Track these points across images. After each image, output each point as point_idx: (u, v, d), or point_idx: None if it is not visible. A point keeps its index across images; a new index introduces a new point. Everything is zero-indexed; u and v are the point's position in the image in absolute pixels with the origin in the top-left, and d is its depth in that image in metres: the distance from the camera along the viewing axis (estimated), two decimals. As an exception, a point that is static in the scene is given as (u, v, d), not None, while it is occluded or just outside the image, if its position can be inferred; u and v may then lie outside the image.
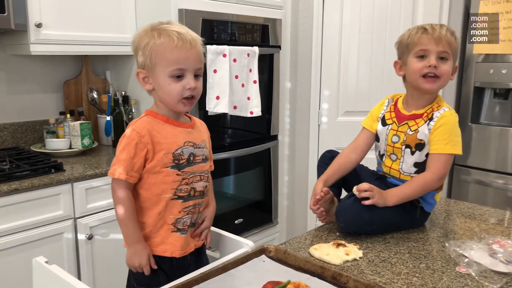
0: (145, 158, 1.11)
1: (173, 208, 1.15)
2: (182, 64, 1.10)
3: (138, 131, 1.11)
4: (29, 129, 2.27)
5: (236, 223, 2.55)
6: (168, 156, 1.12)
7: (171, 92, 1.11)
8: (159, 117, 1.15)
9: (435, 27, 1.27)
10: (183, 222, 1.17)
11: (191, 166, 1.16)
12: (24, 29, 1.89)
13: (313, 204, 1.34)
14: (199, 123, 1.27)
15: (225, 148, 2.44)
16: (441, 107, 1.30)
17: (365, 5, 2.57)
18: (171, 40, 1.09)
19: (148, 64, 1.11)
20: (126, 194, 1.12)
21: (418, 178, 1.28)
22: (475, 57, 2.57)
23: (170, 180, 1.13)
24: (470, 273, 1.05)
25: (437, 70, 1.26)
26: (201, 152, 1.20)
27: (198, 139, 1.20)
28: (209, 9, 2.21)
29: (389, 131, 1.36)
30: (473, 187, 2.64)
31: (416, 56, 1.29)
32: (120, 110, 2.36)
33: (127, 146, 1.10)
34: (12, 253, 1.68)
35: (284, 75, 2.74)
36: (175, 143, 1.14)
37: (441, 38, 1.25)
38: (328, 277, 1.00)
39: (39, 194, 1.73)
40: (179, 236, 1.17)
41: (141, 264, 1.13)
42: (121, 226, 1.15)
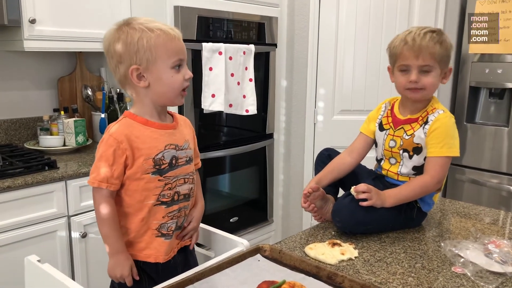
0: (124, 164, 1.08)
1: (157, 214, 1.12)
2: (182, 54, 1.11)
3: (115, 137, 1.06)
4: (22, 126, 2.25)
5: (231, 221, 2.54)
6: (148, 162, 1.08)
7: (173, 84, 1.10)
8: (138, 119, 1.11)
9: (416, 38, 1.24)
10: (167, 227, 1.14)
11: (174, 169, 1.13)
12: (17, 25, 1.87)
13: (303, 202, 1.34)
14: (182, 121, 1.22)
15: (221, 146, 2.43)
16: (436, 110, 1.29)
17: (361, 3, 2.57)
18: (166, 32, 1.08)
19: (147, 59, 1.07)
20: (107, 203, 1.09)
21: (417, 181, 1.28)
22: (471, 57, 2.57)
23: (152, 186, 1.10)
24: (466, 273, 1.05)
25: (418, 84, 1.26)
26: (184, 153, 1.16)
27: (180, 140, 1.16)
28: (205, 6, 2.20)
29: (387, 136, 1.36)
30: (468, 187, 2.65)
31: (399, 70, 1.30)
32: (115, 107, 2.34)
33: (105, 153, 1.06)
34: (5, 251, 1.67)
35: (280, 73, 2.73)
36: (155, 147, 1.10)
37: (421, 50, 1.23)
38: (324, 276, 0.99)
39: (32, 192, 1.72)
40: (163, 241, 1.14)
41: (122, 275, 1.10)
42: (103, 237, 1.11)
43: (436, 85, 1.28)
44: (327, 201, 1.38)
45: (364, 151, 1.44)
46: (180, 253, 1.21)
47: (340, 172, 1.43)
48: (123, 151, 1.06)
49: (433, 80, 1.26)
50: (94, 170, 1.08)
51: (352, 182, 1.32)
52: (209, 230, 1.31)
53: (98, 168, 1.07)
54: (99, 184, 1.07)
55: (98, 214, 1.10)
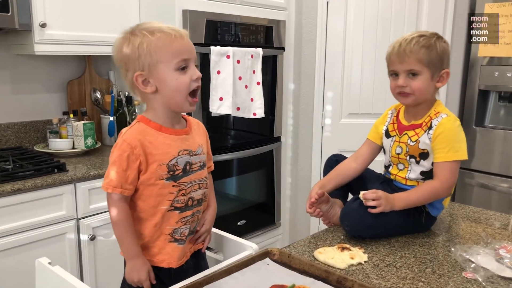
0: (138, 169, 1.07)
1: (170, 219, 1.12)
2: (185, 54, 1.06)
3: (129, 142, 1.06)
4: (32, 129, 2.27)
5: (239, 224, 2.54)
6: (162, 168, 1.08)
7: (179, 86, 1.06)
8: (152, 124, 1.10)
9: (402, 43, 1.25)
10: (180, 233, 1.14)
11: (188, 175, 1.12)
12: (28, 29, 1.89)
13: (308, 207, 1.34)
14: (196, 125, 1.21)
15: (228, 149, 2.43)
16: (439, 114, 1.28)
17: (369, 6, 2.57)
18: (167, 34, 1.05)
19: (148, 63, 1.05)
20: (122, 208, 1.08)
21: (426, 186, 1.27)
22: (480, 60, 2.55)
23: (166, 192, 1.09)
24: (477, 278, 1.04)
25: (406, 89, 1.26)
26: (198, 159, 1.15)
27: (194, 146, 1.15)
28: (213, 10, 2.21)
29: (393, 143, 1.36)
30: (477, 191, 2.63)
31: (389, 75, 1.32)
32: (124, 110, 2.35)
33: (119, 158, 1.06)
34: (15, 253, 1.68)
35: (287, 76, 2.74)
36: (169, 153, 1.09)
37: (405, 56, 1.24)
38: (333, 281, 0.99)
39: (42, 194, 1.73)
40: (176, 246, 1.14)
41: (140, 279, 1.10)
42: (119, 241, 1.11)
43: (426, 90, 1.27)
44: (333, 205, 1.37)
45: (369, 158, 1.44)
46: (192, 257, 1.22)
47: (345, 178, 1.42)
48: (136, 156, 1.06)
49: (421, 84, 1.25)
50: (108, 175, 1.08)
51: (360, 186, 1.32)
52: (218, 233, 1.31)
53: (112, 173, 1.07)
54: (113, 190, 1.07)
55: (112, 219, 1.10)
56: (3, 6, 1.76)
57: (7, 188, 1.62)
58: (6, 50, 2.14)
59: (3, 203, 1.63)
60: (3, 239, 1.64)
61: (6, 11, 1.77)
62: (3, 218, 1.64)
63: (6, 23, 1.79)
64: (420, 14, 2.54)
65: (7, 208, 1.64)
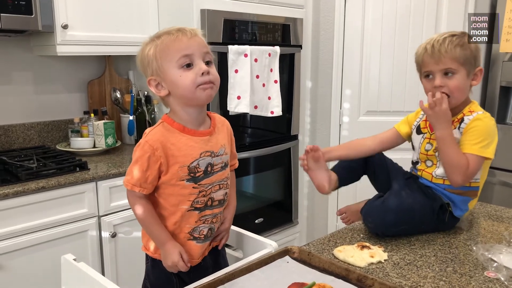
0: (159, 170, 1.09)
1: (190, 219, 1.13)
2: (187, 50, 1.06)
3: (151, 144, 1.07)
4: (54, 128, 2.32)
5: (257, 222, 2.55)
6: (183, 170, 1.09)
7: (185, 83, 1.06)
8: (175, 125, 1.11)
9: (435, 45, 1.24)
10: (199, 231, 1.15)
11: (209, 177, 1.13)
12: (50, 30, 1.93)
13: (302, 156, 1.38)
14: (221, 123, 1.21)
15: (246, 147, 2.44)
16: (474, 112, 1.26)
17: (387, 3, 2.54)
18: (170, 34, 1.07)
19: (156, 67, 1.08)
20: (141, 204, 1.11)
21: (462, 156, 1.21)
22: (502, 56, 2.51)
23: (187, 193, 1.11)
24: (499, 277, 1.03)
25: (444, 89, 1.24)
26: (220, 160, 1.15)
27: (216, 147, 1.15)
28: (231, 9, 2.22)
29: (423, 140, 1.34)
30: (499, 189, 2.58)
31: (424, 76, 1.30)
32: (143, 109, 2.39)
33: (140, 158, 1.08)
34: (39, 249, 1.72)
35: (305, 74, 2.73)
36: (191, 155, 1.09)
37: (440, 56, 1.23)
38: (353, 279, 0.99)
39: (65, 192, 1.77)
40: (195, 244, 1.16)
41: (173, 262, 1.10)
42: (147, 232, 1.15)
43: (463, 88, 1.25)
44: (322, 169, 1.37)
45: (387, 144, 1.43)
46: (211, 255, 1.23)
47: (355, 152, 1.42)
48: (157, 158, 1.07)
49: (459, 82, 1.24)
50: (129, 172, 1.10)
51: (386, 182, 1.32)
52: (238, 231, 1.32)
53: (132, 171, 1.10)
54: (132, 187, 1.10)
55: (135, 215, 1.13)
56: (27, 9, 1.80)
57: (32, 186, 1.67)
58: (29, 51, 2.19)
59: (28, 201, 1.68)
60: (28, 236, 1.69)
61: (29, 13, 1.81)
62: (27, 216, 1.68)
63: (30, 25, 1.83)
64: (440, 10, 2.50)
65: (32, 206, 1.69)
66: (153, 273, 1.19)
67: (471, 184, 1.29)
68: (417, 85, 2.50)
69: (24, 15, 1.80)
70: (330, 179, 1.38)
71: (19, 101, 2.20)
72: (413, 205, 1.26)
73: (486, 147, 1.23)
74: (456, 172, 1.23)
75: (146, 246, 1.20)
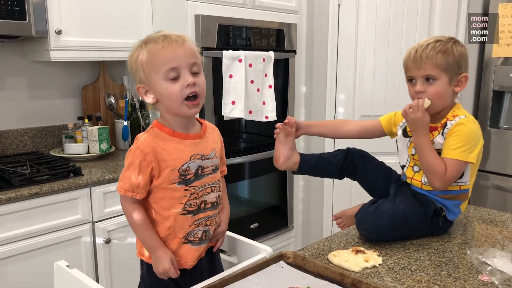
0: (151, 175, 1.10)
1: (184, 223, 1.13)
2: (173, 62, 1.05)
3: (142, 149, 1.08)
4: (48, 134, 2.31)
5: (252, 227, 2.54)
6: (174, 173, 1.09)
7: (171, 96, 1.07)
8: (165, 129, 1.12)
9: (418, 50, 1.24)
10: (194, 234, 1.15)
11: (200, 179, 1.13)
12: (44, 36, 1.93)
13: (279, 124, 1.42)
14: (211, 129, 1.22)
15: (240, 152, 2.44)
16: (456, 116, 1.25)
17: (381, 7, 2.56)
18: (156, 43, 1.07)
19: (143, 76, 1.09)
20: (134, 208, 1.12)
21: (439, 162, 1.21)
22: (494, 61, 2.53)
23: (178, 196, 1.11)
24: (494, 281, 1.03)
25: (424, 95, 1.24)
26: (211, 162, 1.16)
27: (206, 150, 1.16)
28: (225, 15, 2.23)
29: (409, 144, 1.34)
30: (492, 193, 2.60)
31: (407, 81, 1.31)
32: (137, 115, 2.38)
33: (132, 164, 1.09)
34: (33, 256, 1.71)
35: (299, 79, 2.74)
36: (181, 158, 1.10)
37: (421, 62, 1.23)
38: (348, 284, 0.99)
39: (58, 198, 1.76)
40: (190, 247, 1.15)
41: (164, 269, 1.11)
42: (139, 238, 1.15)
43: (444, 95, 1.25)
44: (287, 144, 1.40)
45: (368, 133, 1.46)
46: (207, 259, 1.22)
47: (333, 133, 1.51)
48: (148, 162, 1.08)
49: (438, 89, 1.24)
50: (122, 178, 1.11)
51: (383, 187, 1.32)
52: (233, 236, 1.32)
53: (125, 177, 1.10)
54: (125, 193, 1.10)
55: (128, 220, 1.14)
56: (20, 14, 1.80)
57: (25, 192, 1.66)
58: (23, 57, 2.18)
59: (21, 207, 1.66)
60: (21, 242, 1.68)
61: (23, 19, 1.81)
62: (21, 222, 1.67)
63: (23, 30, 1.83)
64: (432, 15, 2.52)
65: (25, 212, 1.68)
66: (148, 278, 1.18)
67: (461, 187, 1.29)
68: (410, 89, 2.52)
69: (18, 20, 1.80)
70: (289, 157, 1.40)
71: (12, 107, 2.19)
72: (406, 212, 1.26)
73: (468, 151, 1.21)
74: (433, 177, 1.23)
75: (141, 251, 1.19)
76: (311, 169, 1.44)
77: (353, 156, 1.41)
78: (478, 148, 1.24)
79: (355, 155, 1.41)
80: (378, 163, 1.44)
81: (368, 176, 1.41)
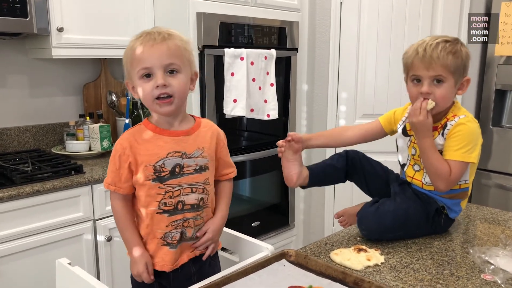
0: (129, 169, 1.11)
1: (160, 222, 1.13)
2: (146, 62, 1.05)
3: (121, 143, 1.11)
4: (49, 132, 2.31)
5: (253, 226, 2.54)
6: (148, 169, 1.09)
7: (143, 94, 1.08)
8: (150, 126, 1.13)
9: (428, 49, 1.20)
10: (171, 237, 1.14)
11: (177, 178, 1.11)
12: (46, 34, 1.92)
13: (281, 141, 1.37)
14: (206, 127, 1.19)
15: (242, 151, 2.44)
16: (456, 116, 1.24)
17: (383, 6, 2.55)
18: (136, 40, 1.07)
19: (127, 72, 1.11)
20: (118, 205, 1.14)
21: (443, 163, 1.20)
22: (497, 59, 2.52)
23: (153, 193, 1.11)
24: (496, 280, 1.03)
25: (430, 96, 1.21)
26: (193, 162, 1.13)
27: (190, 148, 1.13)
28: (227, 13, 2.22)
29: (410, 143, 1.33)
30: (494, 192, 2.59)
31: (411, 80, 1.27)
32: (139, 113, 2.38)
33: (113, 158, 1.12)
34: (34, 253, 1.71)
35: (301, 77, 2.73)
36: (157, 154, 1.10)
37: (432, 62, 1.19)
38: (350, 282, 0.98)
39: (60, 196, 1.76)
40: (168, 250, 1.14)
41: (138, 272, 1.12)
42: (120, 235, 1.17)
43: (449, 97, 1.23)
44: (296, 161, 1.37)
45: (369, 136, 1.42)
46: (195, 263, 1.20)
47: (335, 142, 1.45)
48: (127, 157, 1.10)
49: (445, 91, 1.21)
50: (107, 173, 1.14)
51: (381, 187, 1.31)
52: (234, 234, 1.31)
53: (108, 171, 1.14)
54: (108, 187, 1.13)
55: (113, 215, 1.16)
56: (22, 12, 1.79)
57: (26, 190, 1.65)
58: (24, 54, 2.18)
59: (22, 204, 1.66)
60: (22, 240, 1.68)
61: (24, 16, 1.80)
62: (22, 220, 1.67)
63: (24, 28, 1.83)
64: (435, 13, 2.51)
65: (27, 209, 1.68)
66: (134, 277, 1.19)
67: (461, 186, 1.28)
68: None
69: (19, 18, 1.79)
70: (300, 173, 1.38)
71: (14, 104, 2.19)
72: (408, 211, 1.25)
73: (470, 151, 1.20)
74: (438, 180, 1.22)
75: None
76: (321, 179, 1.43)
77: (353, 158, 1.42)
78: (478, 147, 1.23)
79: (354, 157, 1.42)
80: (375, 163, 1.44)
81: (366, 177, 1.42)
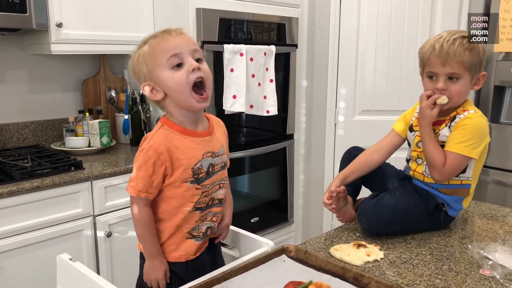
0: (164, 174, 1.08)
1: (190, 219, 1.13)
2: (175, 49, 1.04)
3: (155, 148, 1.06)
4: (49, 128, 2.30)
5: (252, 221, 2.55)
6: (187, 172, 1.08)
7: (178, 84, 1.04)
8: (176, 127, 1.09)
9: (444, 45, 1.19)
10: (198, 229, 1.15)
11: (210, 177, 1.13)
12: (45, 29, 1.92)
13: (327, 198, 1.33)
14: (217, 124, 1.21)
15: (241, 147, 2.44)
16: (466, 111, 1.24)
17: (382, 2, 2.55)
18: (156, 38, 1.07)
19: (147, 72, 1.07)
20: (145, 211, 1.10)
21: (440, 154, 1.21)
22: (495, 56, 2.52)
23: (190, 194, 1.10)
24: (495, 275, 1.04)
25: (445, 92, 1.21)
26: (220, 160, 1.16)
27: (216, 147, 1.15)
28: (226, 8, 2.22)
29: (415, 137, 1.34)
30: (492, 188, 2.60)
31: (427, 76, 1.27)
32: (138, 109, 2.38)
33: (145, 164, 1.06)
34: (34, 249, 1.71)
35: (300, 73, 2.73)
36: (194, 157, 1.09)
37: (448, 58, 1.18)
38: (350, 278, 0.99)
39: (60, 192, 1.76)
40: (194, 242, 1.16)
41: (157, 278, 1.13)
42: (140, 241, 1.14)
43: (464, 94, 1.23)
44: (347, 202, 1.38)
45: (392, 149, 1.40)
46: (209, 252, 1.23)
47: (366, 170, 1.39)
48: (162, 162, 1.06)
49: (461, 88, 1.21)
50: (133, 179, 1.08)
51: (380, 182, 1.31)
52: (234, 230, 1.32)
53: (137, 178, 1.07)
54: (138, 194, 1.08)
55: (135, 220, 1.12)
56: (21, 7, 1.78)
57: (26, 186, 1.66)
58: (23, 50, 2.17)
59: (22, 200, 1.66)
60: (22, 235, 1.68)
61: (23, 12, 1.80)
62: (22, 216, 1.67)
63: (23, 23, 1.82)
64: (434, 10, 2.51)
65: (26, 205, 1.68)
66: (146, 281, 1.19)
67: (462, 182, 1.28)
68: (411, 84, 2.52)
69: (18, 13, 1.79)
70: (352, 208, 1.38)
71: (13, 100, 2.19)
72: (408, 205, 1.26)
73: (472, 146, 1.20)
74: (431, 169, 1.24)
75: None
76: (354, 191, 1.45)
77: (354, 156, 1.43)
78: (483, 144, 1.22)
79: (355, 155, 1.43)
80: None
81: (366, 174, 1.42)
